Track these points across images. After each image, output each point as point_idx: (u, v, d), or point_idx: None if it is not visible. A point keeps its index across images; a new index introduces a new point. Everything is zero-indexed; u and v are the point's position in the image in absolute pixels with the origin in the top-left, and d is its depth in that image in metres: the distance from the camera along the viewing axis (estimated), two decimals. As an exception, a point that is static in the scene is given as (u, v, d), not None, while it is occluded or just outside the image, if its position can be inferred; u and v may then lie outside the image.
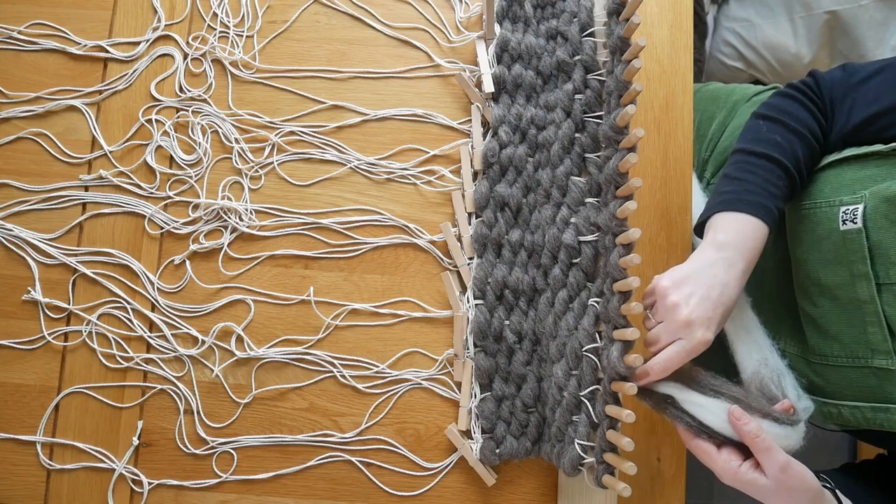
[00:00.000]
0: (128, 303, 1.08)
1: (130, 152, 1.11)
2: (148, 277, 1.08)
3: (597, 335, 0.92)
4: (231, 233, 1.08)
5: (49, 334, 1.07)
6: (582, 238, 0.97)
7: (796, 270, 0.93)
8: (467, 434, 1.01)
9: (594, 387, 0.91)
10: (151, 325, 1.07)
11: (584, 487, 0.98)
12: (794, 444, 0.82)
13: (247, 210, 1.08)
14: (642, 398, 0.85)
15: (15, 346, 1.07)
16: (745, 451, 0.81)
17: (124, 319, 1.07)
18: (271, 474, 1.02)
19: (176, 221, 1.09)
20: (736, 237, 0.85)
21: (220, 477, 1.03)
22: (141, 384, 1.06)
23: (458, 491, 1.02)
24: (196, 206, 1.09)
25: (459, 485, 1.02)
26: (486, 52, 1.07)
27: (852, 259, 0.85)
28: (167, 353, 1.06)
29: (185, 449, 1.04)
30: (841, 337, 0.88)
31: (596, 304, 0.94)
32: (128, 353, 1.06)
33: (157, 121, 1.11)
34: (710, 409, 0.81)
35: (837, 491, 0.82)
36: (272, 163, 1.09)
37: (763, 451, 0.77)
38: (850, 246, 0.85)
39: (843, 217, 0.85)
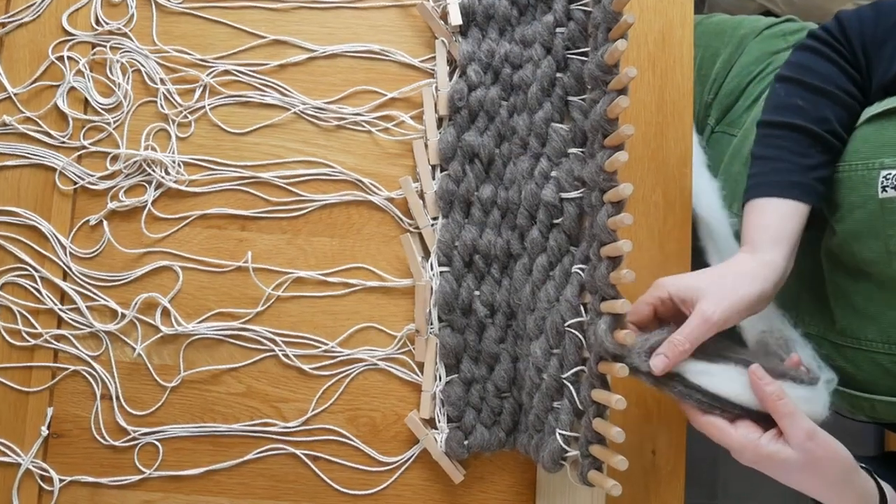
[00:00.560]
0: (35, 270, 0.99)
1: (38, 95, 1.01)
2: (59, 241, 0.99)
3: (581, 308, 0.84)
4: (156, 189, 0.98)
5: (-58, 307, 0.97)
6: (564, 195, 0.88)
7: (828, 239, 0.88)
8: (431, 423, 0.93)
9: (578, 368, 0.83)
10: (63, 297, 0.99)
11: (566, 485, 0.90)
12: (819, 411, 0.77)
13: (174, 162, 0.99)
14: (638, 375, 0.77)
15: None
16: (762, 425, 0.75)
17: (31, 290, 0.98)
18: (202, 470, 0.94)
19: (91, 175, 1.00)
20: (767, 232, 0.80)
21: (143, 473, 0.94)
22: (51, 365, 0.97)
23: (420, 489, 0.94)
24: (115, 158, 1.00)
25: (421, 482, 0.94)
26: (453, -21, 0.97)
27: (890, 233, 0.79)
28: (81, 329, 0.97)
29: (102, 440, 0.96)
30: (879, 319, 0.82)
31: (580, 272, 0.86)
32: (35, 328, 0.98)
33: (69, 58, 1.01)
34: (721, 376, 0.76)
35: (873, 473, 0.77)
36: (203, 107, 0.99)
37: (786, 415, 0.71)
38: (889, 217, 0.79)
39: (882, 183, 0.79)
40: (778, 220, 0.82)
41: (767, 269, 0.79)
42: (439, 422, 0.92)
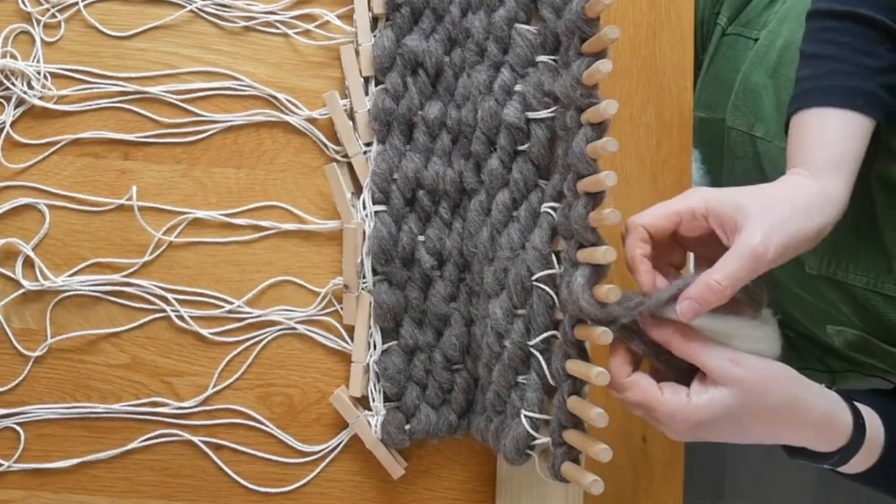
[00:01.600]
0: None
1: None
2: None
3: (553, 257, 0.78)
4: (16, 107, 0.88)
5: None
6: (531, 114, 0.80)
7: (883, 163, 0.82)
8: (364, 403, 0.86)
9: (549, 333, 0.77)
10: None
11: (534, 480, 0.84)
12: (770, 347, 0.71)
13: (39, 73, 0.88)
14: (631, 339, 0.72)
15: None
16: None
17: None
18: (75, 461, 0.85)
19: (-66, 90, 0.88)
20: (828, 151, 0.75)
21: (1, 465, 0.85)
22: None
23: (350, 485, 0.87)
24: (-37, 69, 0.88)
25: (351, 476, 0.87)
26: None
27: None
28: (-79, 285, 0.87)
29: (-55, 425, 0.86)
30: None
31: (552, 212, 0.78)
32: None
33: None
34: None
35: (857, 402, 0.74)
36: (77, 3, 0.88)
37: (699, 350, 0.68)
38: None
39: None
40: (839, 136, 0.76)
41: (827, 201, 0.73)
42: (374, 401, 0.84)
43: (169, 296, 0.86)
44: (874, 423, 0.73)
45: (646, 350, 0.72)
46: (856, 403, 0.73)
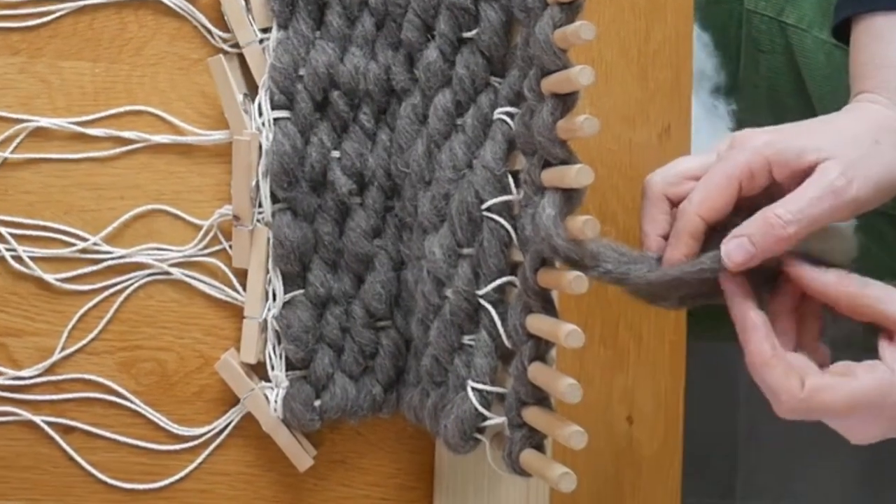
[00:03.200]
0: None
1: None
2: None
3: (509, 179, 0.72)
4: None
5: None
6: None
7: None
8: (259, 371, 0.78)
9: (504, 279, 0.71)
10: None
11: (485, 473, 0.77)
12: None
13: None
14: (623, 281, 0.68)
15: None
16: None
17: None
18: None
19: None
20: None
21: None
22: None
23: (242, 480, 0.79)
24: None
25: (243, 468, 0.79)
26: None
27: None
28: None
29: None
30: None
31: (508, 120, 0.72)
32: None
33: None
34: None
35: None
36: None
37: (878, 296, 0.62)
38: None
39: None
40: None
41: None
42: (273, 369, 0.76)
43: (2, 230, 0.76)
44: None
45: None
46: None
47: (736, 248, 0.63)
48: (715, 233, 0.68)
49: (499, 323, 0.69)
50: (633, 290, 0.69)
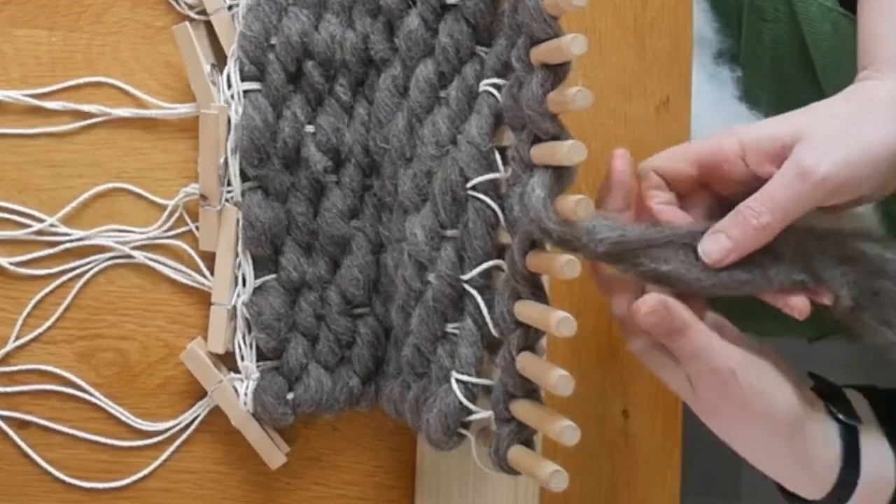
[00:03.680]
0: None
1: None
2: None
3: (496, 155, 0.70)
4: None
5: None
6: None
7: None
8: (228, 362, 0.76)
9: (491, 263, 0.70)
10: None
11: (470, 471, 0.77)
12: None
13: None
14: (620, 262, 0.66)
15: None
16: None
17: None
18: None
19: None
20: None
21: None
22: None
23: (209, 478, 0.76)
24: None
25: (210, 466, 0.77)
26: None
27: None
28: None
29: None
30: None
31: (495, 92, 0.70)
32: None
33: None
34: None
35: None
36: None
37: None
38: None
39: None
40: None
41: None
42: (243, 360, 0.74)
43: (-52, 209, 0.75)
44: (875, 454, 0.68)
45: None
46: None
47: (712, 244, 0.63)
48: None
49: (485, 310, 0.67)
50: (633, 262, 0.67)
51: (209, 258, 0.73)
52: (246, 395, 0.71)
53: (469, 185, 0.67)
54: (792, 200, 0.62)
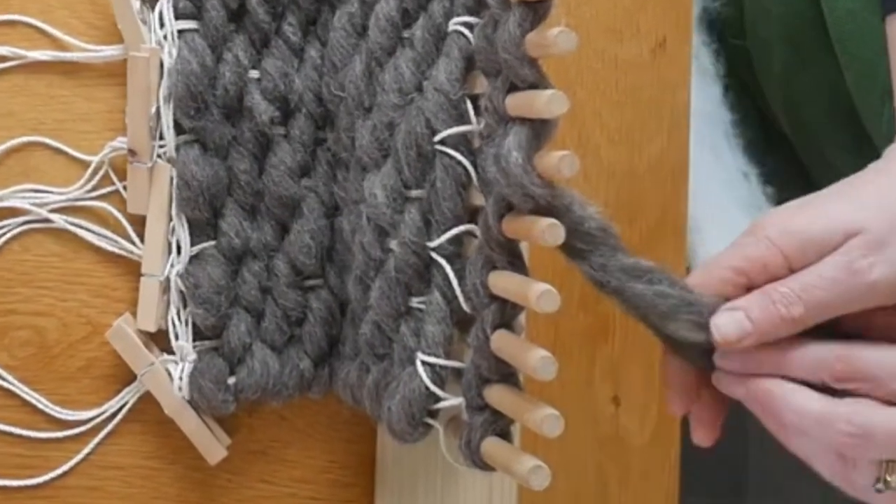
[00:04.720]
0: None
1: None
2: None
3: (468, 105, 0.64)
4: None
5: None
6: None
7: None
8: (161, 341, 0.71)
9: (461, 228, 0.65)
10: None
11: (437, 467, 0.72)
12: None
13: None
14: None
15: None
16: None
17: None
18: None
19: None
20: None
21: None
22: None
23: (139, 475, 0.71)
24: None
25: (140, 461, 0.71)
26: None
27: None
28: None
29: None
30: None
31: (466, 32, 0.64)
32: None
33: None
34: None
35: None
36: None
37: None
38: None
39: None
40: None
41: None
42: (178, 339, 0.69)
43: None
44: None
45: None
46: None
47: (728, 322, 0.57)
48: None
49: (455, 282, 0.62)
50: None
51: (139, 222, 0.68)
52: (181, 379, 0.66)
53: (437, 138, 0.62)
54: (834, 300, 0.56)
